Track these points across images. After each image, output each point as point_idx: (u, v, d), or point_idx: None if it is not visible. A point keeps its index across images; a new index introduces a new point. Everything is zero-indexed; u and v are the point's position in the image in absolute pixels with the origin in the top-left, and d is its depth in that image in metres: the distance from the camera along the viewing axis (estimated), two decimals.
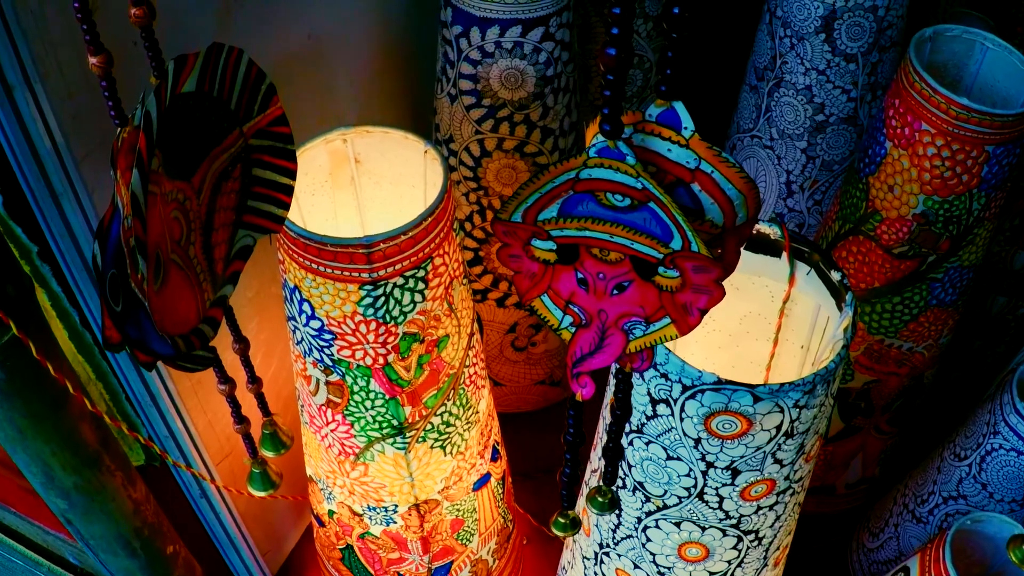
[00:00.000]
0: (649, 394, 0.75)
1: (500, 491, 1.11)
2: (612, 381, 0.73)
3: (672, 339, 0.57)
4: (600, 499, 0.73)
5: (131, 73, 0.65)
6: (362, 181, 0.93)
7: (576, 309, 0.57)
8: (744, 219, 0.57)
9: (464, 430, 0.97)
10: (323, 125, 1.16)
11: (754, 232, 0.81)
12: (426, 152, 0.87)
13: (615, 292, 0.55)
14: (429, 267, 0.82)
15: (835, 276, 0.77)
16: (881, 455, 1.31)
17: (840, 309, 0.77)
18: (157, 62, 0.54)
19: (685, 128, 0.51)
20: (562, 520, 0.72)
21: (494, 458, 1.07)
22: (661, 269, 0.52)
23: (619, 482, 0.84)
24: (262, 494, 0.77)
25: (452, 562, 1.09)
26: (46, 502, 0.86)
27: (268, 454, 0.77)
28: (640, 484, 0.82)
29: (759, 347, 0.91)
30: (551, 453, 1.48)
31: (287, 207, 0.67)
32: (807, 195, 1.33)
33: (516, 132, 1.17)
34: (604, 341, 0.58)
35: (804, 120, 1.26)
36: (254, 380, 0.73)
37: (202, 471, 0.99)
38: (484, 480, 1.05)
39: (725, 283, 0.85)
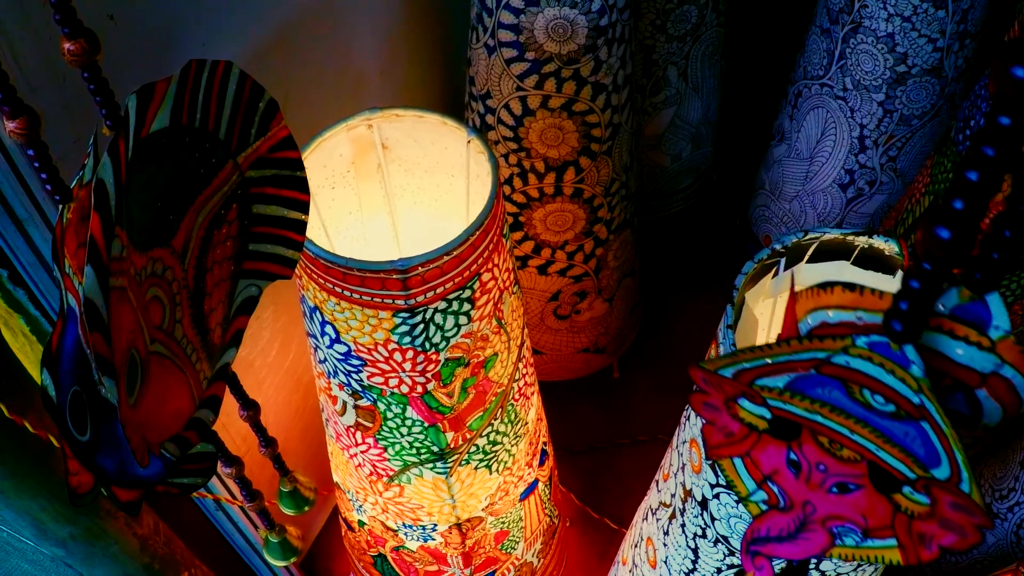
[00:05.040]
0: None
1: (548, 491, 0.96)
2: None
3: (892, 564, 0.44)
4: None
5: (111, 50, 0.47)
6: (391, 169, 0.76)
7: (775, 488, 0.44)
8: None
9: (512, 445, 0.82)
10: (342, 84, 0.98)
11: (866, 246, 0.64)
12: (469, 142, 0.69)
13: (834, 490, 0.42)
14: (476, 284, 0.65)
15: None
16: None
17: None
18: (109, 107, 0.37)
19: (996, 327, 0.35)
20: None
21: (542, 462, 0.92)
22: (907, 489, 0.39)
23: (699, 531, 0.70)
24: (282, 564, 0.62)
25: (495, 571, 0.95)
26: (42, 551, 0.72)
27: (289, 512, 0.62)
28: (724, 538, 0.67)
29: None
30: (594, 424, 1.34)
31: (299, 246, 0.50)
32: (881, 151, 1.14)
33: (564, 89, 0.98)
34: (802, 534, 0.45)
35: (883, 71, 1.06)
36: (268, 443, 0.57)
37: (220, 489, 0.85)
38: (531, 488, 0.91)
39: None
